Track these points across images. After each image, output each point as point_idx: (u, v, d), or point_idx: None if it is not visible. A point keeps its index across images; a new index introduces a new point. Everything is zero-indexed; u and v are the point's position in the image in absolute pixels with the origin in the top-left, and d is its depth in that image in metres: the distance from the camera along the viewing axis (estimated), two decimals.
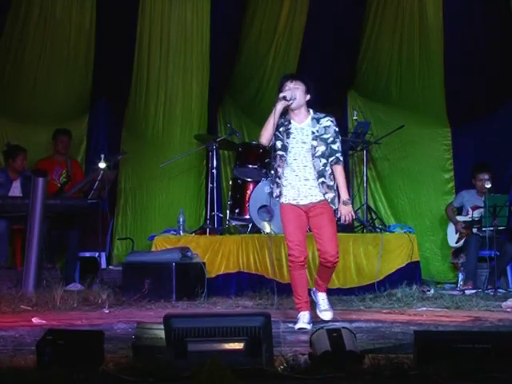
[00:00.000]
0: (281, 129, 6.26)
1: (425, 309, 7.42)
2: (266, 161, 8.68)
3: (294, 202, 6.26)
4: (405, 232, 8.95)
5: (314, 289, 6.54)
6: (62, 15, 9.51)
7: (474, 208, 9.02)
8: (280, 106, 6.15)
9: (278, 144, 6.27)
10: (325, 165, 6.23)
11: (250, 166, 8.96)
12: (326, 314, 6.41)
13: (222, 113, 10.28)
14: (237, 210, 8.98)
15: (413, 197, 10.02)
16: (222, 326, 4.15)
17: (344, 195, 6.28)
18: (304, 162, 6.24)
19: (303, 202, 6.25)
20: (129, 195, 10.05)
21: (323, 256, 6.26)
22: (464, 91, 9.68)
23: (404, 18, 9.71)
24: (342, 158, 6.31)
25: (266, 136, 6.23)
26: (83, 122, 10.06)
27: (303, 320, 6.15)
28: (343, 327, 4.39)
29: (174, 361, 4.06)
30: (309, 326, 6.08)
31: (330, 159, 6.24)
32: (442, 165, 9.97)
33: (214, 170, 9.42)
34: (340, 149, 6.29)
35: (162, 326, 4.27)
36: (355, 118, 9.82)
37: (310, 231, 6.40)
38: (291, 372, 4.00)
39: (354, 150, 9.65)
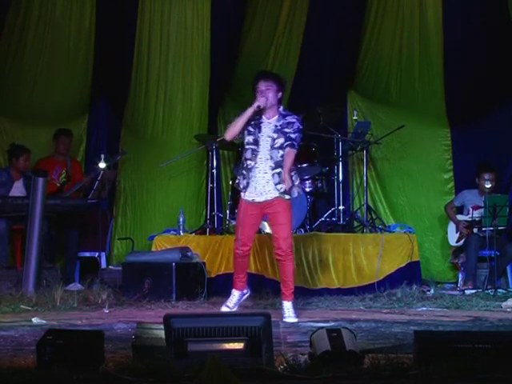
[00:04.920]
0: (253, 123, 6.53)
1: (425, 309, 7.42)
2: None
3: (250, 200, 6.58)
4: (405, 232, 8.95)
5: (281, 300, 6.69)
6: (62, 15, 9.49)
7: (476, 208, 9.01)
8: (251, 112, 6.46)
9: (250, 138, 6.53)
10: (282, 156, 6.45)
11: None
12: (289, 319, 6.47)
13: (222, 113, 10.27)
14: (237, 210, 8.96)
15: (412, 197, 10.01)
16: (222, 326, 4.15)
17: (284, 173, 6.42)
18: (266, 155, 6.50)
19: (259, 199, 6.56)
20: (129, 195, 10.03)
21: (276, 251, 6.62)
22: (464, 91, 9.68)
23: (404, 18, 9.70)
24: (297, 147, 6.51)
25: (231, 134, 6.63)
26: (83, 122, 10.03)
27: (230, 300, 6.78)
28: (343, 327, 4.39)
29: (173, 361, 4.07)
30: (227, 309, 6.68)
31: (285, 144, 6.45)
32: (442, 165, 9.95)
33: (214, 170, 9.41)
34: (298, 140, 6.53)
35: (161, 326, 4.27)
36: (355, 118, 9.80)
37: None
38: (291, 372, 4.00)
39: (353, 149, 9.64)
